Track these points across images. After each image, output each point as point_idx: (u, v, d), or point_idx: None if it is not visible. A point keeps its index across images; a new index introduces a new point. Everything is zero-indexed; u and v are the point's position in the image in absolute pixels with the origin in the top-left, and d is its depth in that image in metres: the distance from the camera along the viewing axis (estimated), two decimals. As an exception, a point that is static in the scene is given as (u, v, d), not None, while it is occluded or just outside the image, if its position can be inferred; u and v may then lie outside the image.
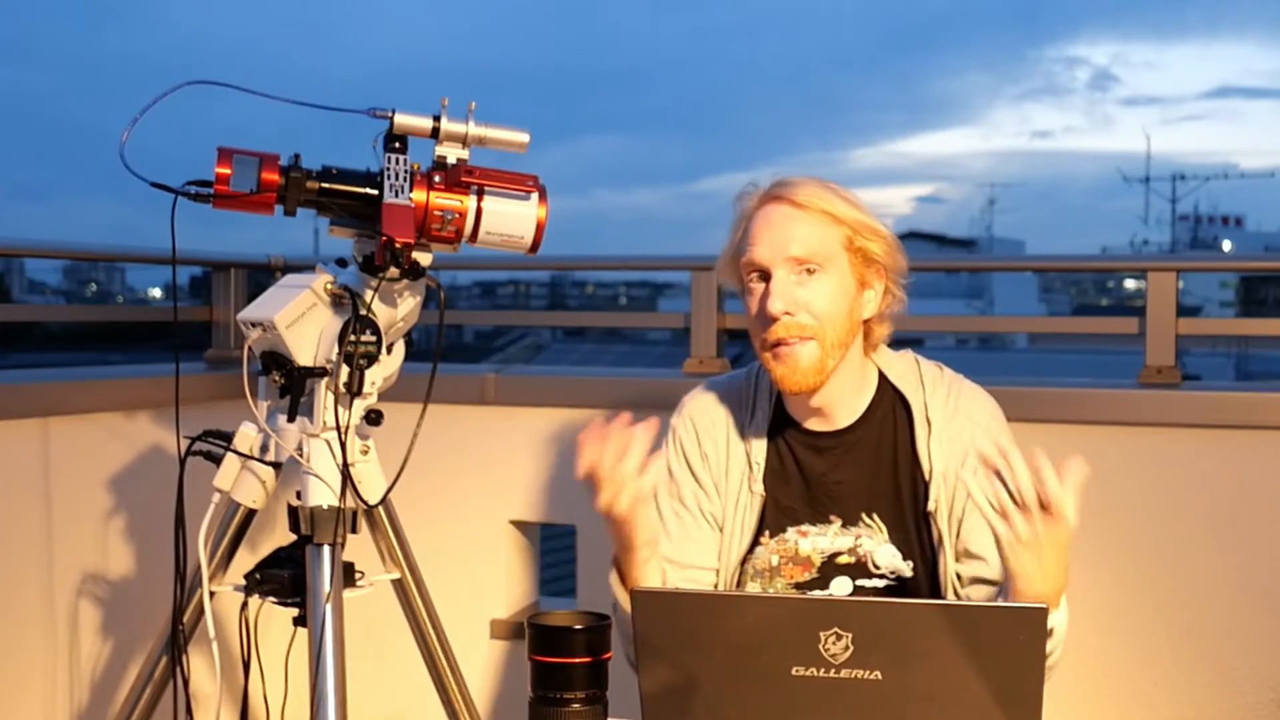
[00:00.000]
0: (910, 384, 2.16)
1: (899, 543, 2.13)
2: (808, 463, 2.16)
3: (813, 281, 2.04)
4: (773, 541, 2.16)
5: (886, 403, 2.16)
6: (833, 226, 2.05)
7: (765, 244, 2.05)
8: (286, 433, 2.31)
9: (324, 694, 2.19)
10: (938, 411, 2.13)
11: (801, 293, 2.04)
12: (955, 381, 2.19)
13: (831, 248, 2.05)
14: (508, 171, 2.22)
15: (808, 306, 2.03)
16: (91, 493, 3.26)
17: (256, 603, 2.34)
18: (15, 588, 3.07)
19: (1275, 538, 3.06)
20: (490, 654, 3.61)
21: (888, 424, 2.15)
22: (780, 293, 2.03)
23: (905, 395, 2.15)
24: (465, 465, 3.64)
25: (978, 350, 21.76)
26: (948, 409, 2.13)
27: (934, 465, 2.10)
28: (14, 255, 7.39)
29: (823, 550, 2.14)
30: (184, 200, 2.11)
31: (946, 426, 2.12)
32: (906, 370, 2.18)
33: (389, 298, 2.25)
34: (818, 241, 2.04)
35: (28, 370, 3.41)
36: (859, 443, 2.15)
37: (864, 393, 2.16)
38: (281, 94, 2.15)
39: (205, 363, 3.83)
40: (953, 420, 2.12)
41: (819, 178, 2.10)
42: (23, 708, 3.10)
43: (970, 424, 2.12)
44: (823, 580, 2.14)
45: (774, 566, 2.16)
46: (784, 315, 2.03)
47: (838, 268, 2.05)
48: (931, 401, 2.14)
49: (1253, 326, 8.52)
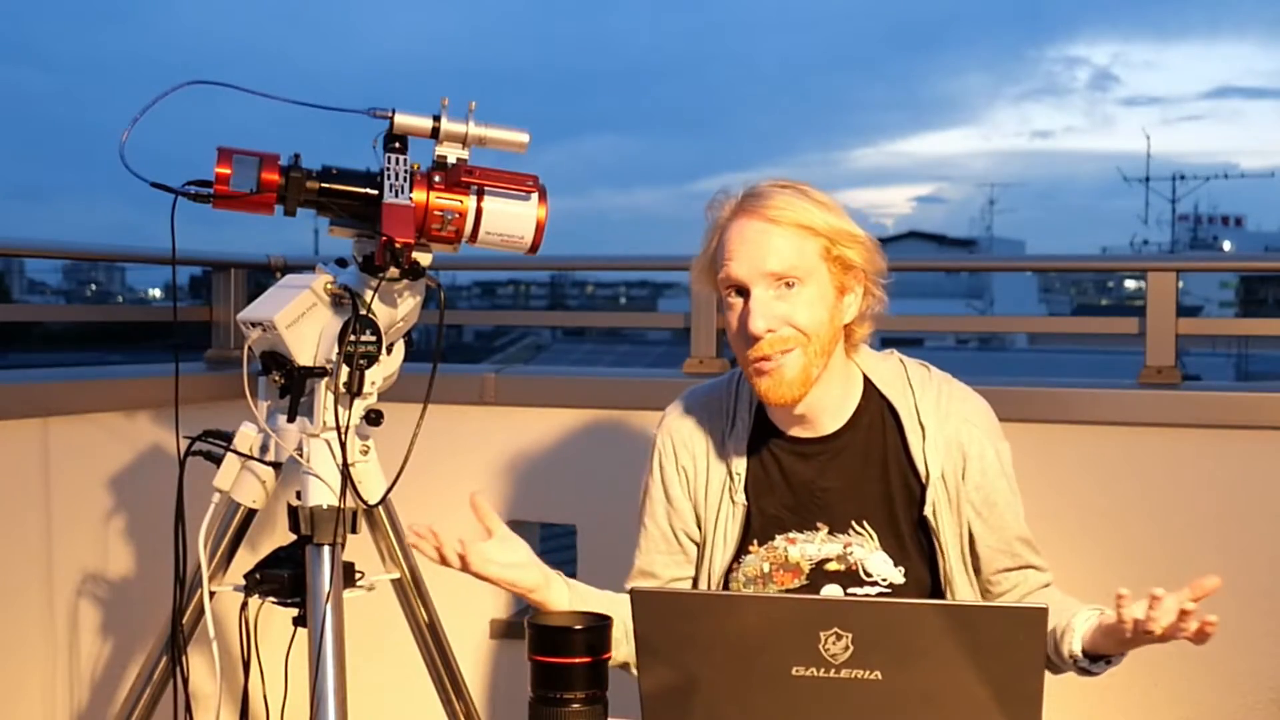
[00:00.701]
0: (898, 388, 2.14)
1: (891, 550, 2.12)
2: (793, 470, 2.14)
3: (793, 295, 2.01)
4: (762, 549, 2.15)
5: (873, 408, 2.14)
6: (809, 238, 2.01)
7: (742, 260, 2.02)
8: (286, 433, 2.31)
9: (324, 694, 2.19)
10: (930, 415, 2.11)
11: (782, 307, 2.01)
12: (944, 383, 2.17)
13: (810, 260, 2.02)
14: (508, 171, 2.22)
15: (789, 320, 2.01)
16: (91, 493, 3.26)
17: (256, 603, 2.34)
18: (15, 588, 3.07)
19: (1275, 538, 3.06)
20: (490, 654, 3.61)
21: (875, 429, 2.13)
22: (761, 310, 2.00)
23: (893, 401, 2.13)
24: (465, 465, 3.64)
25: (977, 350, 21.76)
26: (940, 412, 2.12)
27: (930, 469, 2.09)
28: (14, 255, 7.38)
29: (811, 557, 2.13)
30: (184, 200, 2.11)
31: (941, 429, 2.10)
32: (892, 373, 2.16)
33: (389, 298, 2.25)
34: (795, 255, 2.01)
35: (28, 370, 3.41)
36: (846, 449, 2.13)
37: (849, 398, 2.14)
38: (282, 94, 2.15)
39: (205, 363, 3.83)
40: (947, 423, 2.11)
41: (791, 183, 2.07)
42: (22, 707, 3.10)
43: (968, 425, 2.12)
44: (813, 586, 2.12)
45: (765, 573, 2.15)
46: (766, 333, 2.00)
47: (817, 278, 2.02)
48: (923, 405, 2.12)
49: (1253, 326, 8.52)
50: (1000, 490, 2.12)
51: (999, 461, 2.13)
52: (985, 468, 2.11)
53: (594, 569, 3.58)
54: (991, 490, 2.11)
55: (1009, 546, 2.14)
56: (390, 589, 2.56)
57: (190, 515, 2.29)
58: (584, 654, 1.67)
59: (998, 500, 2.12)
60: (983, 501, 2.11)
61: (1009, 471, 2.15)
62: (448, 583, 3.02)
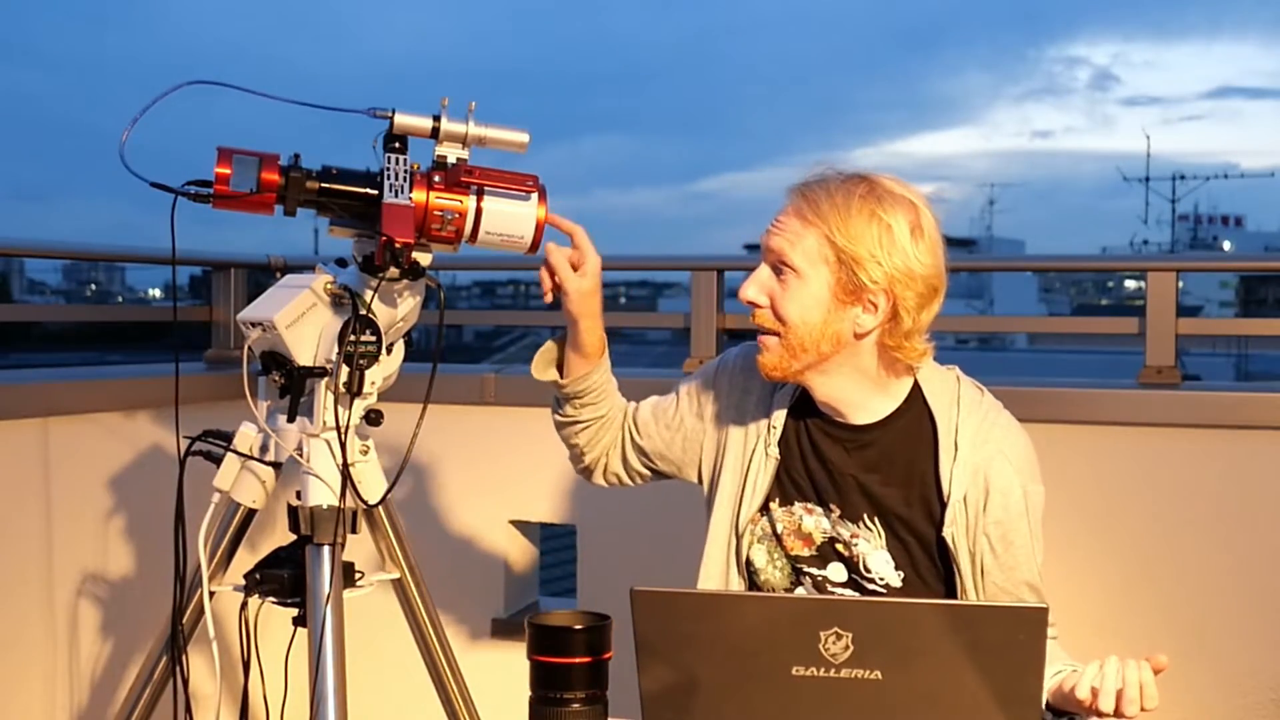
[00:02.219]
0: (944, 403, 2.12)
1: (895, 553, 2.11)
2: (822, 445, 2.16)
3: (788, 282, 2.05)
4: (781, 510, 2.17)
5: (914, 416, 2.13)
6: (825, 245, 2.02)
7: (768, 231, 2.09)
8: (286, 433, 2.31)
9: (324, 694, 2.19)
10: (967, 438, 2.09)
11: (774, 286, 2.07)
12: (993, 410, 2.14)
13: (810, 259, 2.03)
14: (507, 171, 2.22)
15: (774, 304, 2.06)
16: (91, 493, 3.26)
17: (256, 603, 2.34)
18: (15, 587, 3.07)
19: (1276, 537, 3.06)
20: (490, 654, 3.61)
21: (910, 437, 2.12)
22: (755, 280, 2.08)
23: (935, 414, 2.11)
24: (465, 465, 3.65)
25: (977, 350, 21.72)
26: (979, 437, 2.09)
27: (953, 491, 2.07)
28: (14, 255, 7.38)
29: (825, 531, 2.14)
30: (184, 200, 2.11)
31: (974, 455, 2.08)
32: (944, 387, 2.14)
33: (389, 298, 2.25)
34: (800, 252, 2.03)
35: (28, 370, 3.41)
36: (872, 445, 2.13)
37: (889, 397, 2.13)
38: (282, 94, 2.15)
39: (205, 363, 3.84)
40: (982, 449, 2.08)
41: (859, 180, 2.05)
42: (23, 706, 3.10)
43: (1001, 457, 2.08)
44: (821, 559, 2.14)
45: (779, 534, 2.16)
46: (751, 305, 2.08)
47: (814, 278, 2.03)
48: (964, 426, 2.10)
49: (1253, 326, 8.51)
50: (1020, 532, 2.09)
51: (1025, 503, 2.09)
52: (1009, 504, 2.07)
53: (594, 569, 3.58)
54: (1011, 529, 2.08)
55: (1015, 590, 2.10)
56: (390, 589, 2.56)
57: (190, 515, 2.29)
58: (584, 654, 1.67)
59: (1015, 540, 2.08)
60: (999, 538, 2.08)
61: (1035, 515, 2.11)
62: (447, 583, 3.02)
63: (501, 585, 3.66)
